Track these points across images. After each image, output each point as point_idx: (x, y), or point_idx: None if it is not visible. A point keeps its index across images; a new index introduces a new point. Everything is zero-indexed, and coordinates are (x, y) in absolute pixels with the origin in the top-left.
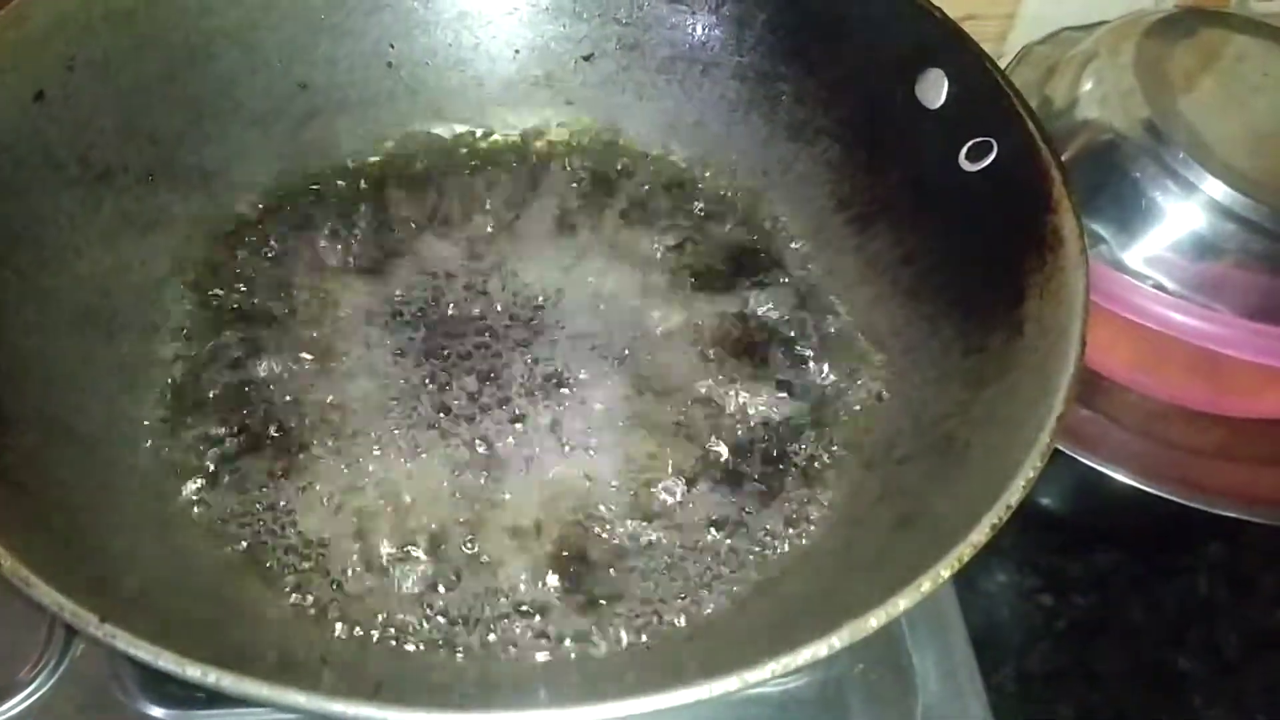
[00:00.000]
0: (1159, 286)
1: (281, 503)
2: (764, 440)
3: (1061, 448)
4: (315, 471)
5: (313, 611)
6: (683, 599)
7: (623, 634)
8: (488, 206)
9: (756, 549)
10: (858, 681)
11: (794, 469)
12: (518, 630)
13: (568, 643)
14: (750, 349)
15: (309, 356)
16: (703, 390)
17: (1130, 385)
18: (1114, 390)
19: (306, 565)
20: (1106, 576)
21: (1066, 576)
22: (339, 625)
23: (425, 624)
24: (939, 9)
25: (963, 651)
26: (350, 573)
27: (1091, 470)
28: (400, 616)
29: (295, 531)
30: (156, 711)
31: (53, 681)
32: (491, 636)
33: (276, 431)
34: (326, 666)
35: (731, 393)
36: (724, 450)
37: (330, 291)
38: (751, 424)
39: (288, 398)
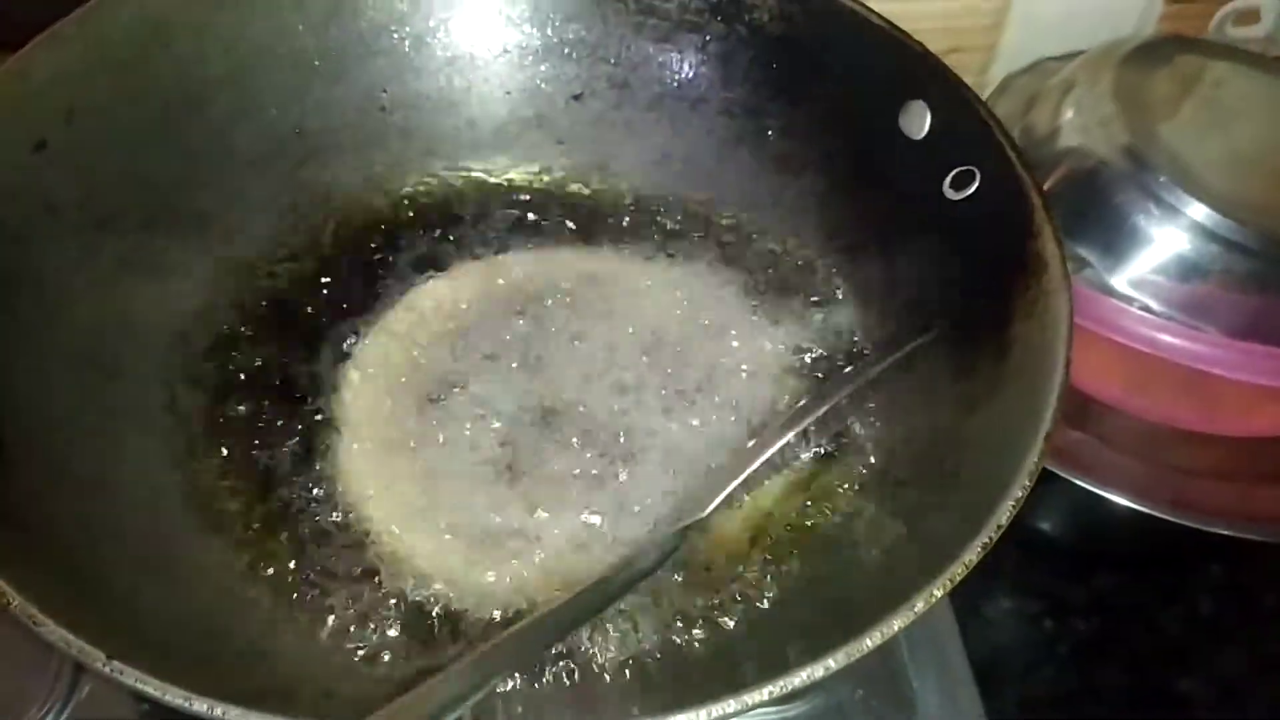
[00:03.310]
0: (1146, 309)
1: (284, 539)
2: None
3: (1057, 471)
4: (317, 507)
5: (321, 646)
6: (684, 625)
7: (623, 658)
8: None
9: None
10: (859, 707)
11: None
12: None
13: (567, 664)
14: None
15: (310, 397)
16: None
17: (1123, 407)
18: (1107, 413)
19: (312, 601)
20: (1108, 599)
21: (1068, 600)
22: (346, 659)
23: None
24: (920, 43)
25: (963, 676)
26: (354, 610)
27: (1088, 493)
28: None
29: (303, 568)
30: None
31: None
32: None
33: (273, 468)
34: (332, 701)
35: None
36: None
37: (328, 335)
38: None
39: (287, 438)
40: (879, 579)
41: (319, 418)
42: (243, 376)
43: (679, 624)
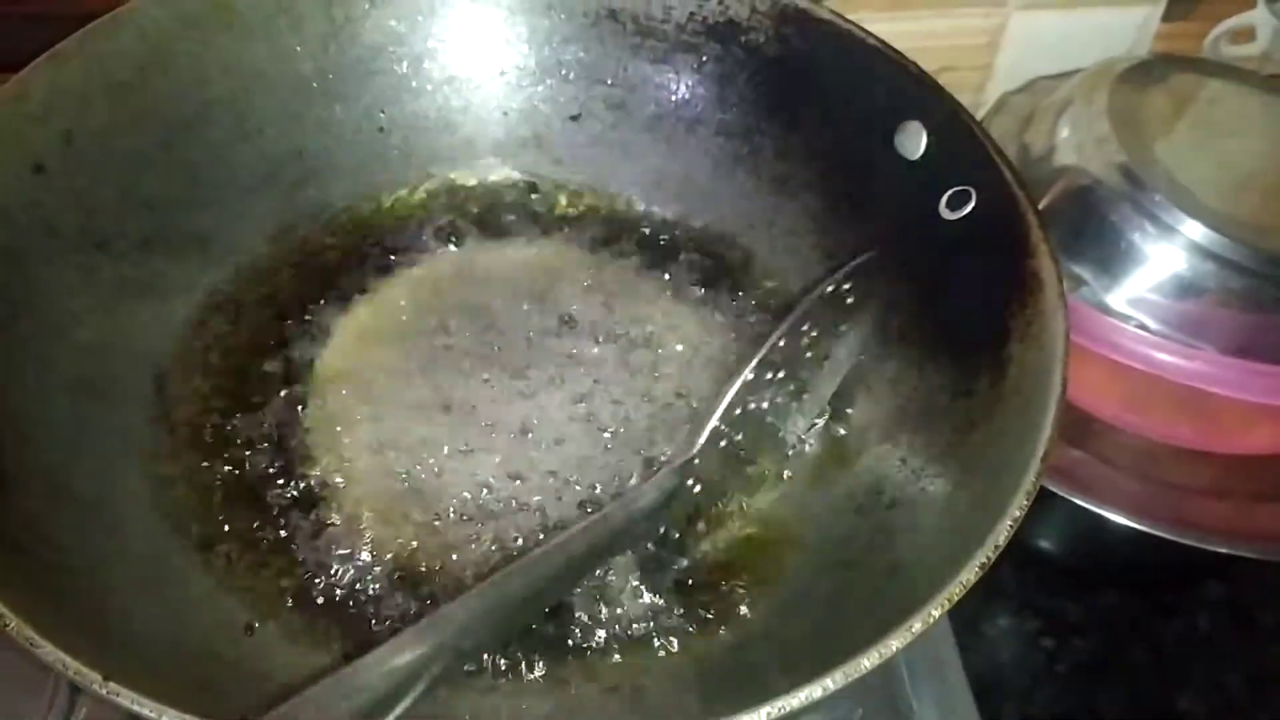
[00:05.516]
0: (1143, 327)
1: (279, 563)
2: None
3: (1055, 489)
4: (320, 530)
5: (318, 669)
6: (677, 645)
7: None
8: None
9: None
10: None
11: None
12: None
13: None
14: None
15: (312, 419)
16: None
17: (1121, 426)
18: (1105, 431)
19: (313, 624)
20: (1107, 618)
21: (1067, 619)
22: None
23: None
24: (914, 63)
25: (962, 696)
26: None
27: (1087, 512)
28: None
29: (294, 593)
30: None
31: None
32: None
33: (279, 490)
34: None
35: None
36: None
37: (328, 355)
38: None
39: (290, 458)
40: (877, 600)
41: (316, 437)
42: (241, 396)
43: (670, 640)
